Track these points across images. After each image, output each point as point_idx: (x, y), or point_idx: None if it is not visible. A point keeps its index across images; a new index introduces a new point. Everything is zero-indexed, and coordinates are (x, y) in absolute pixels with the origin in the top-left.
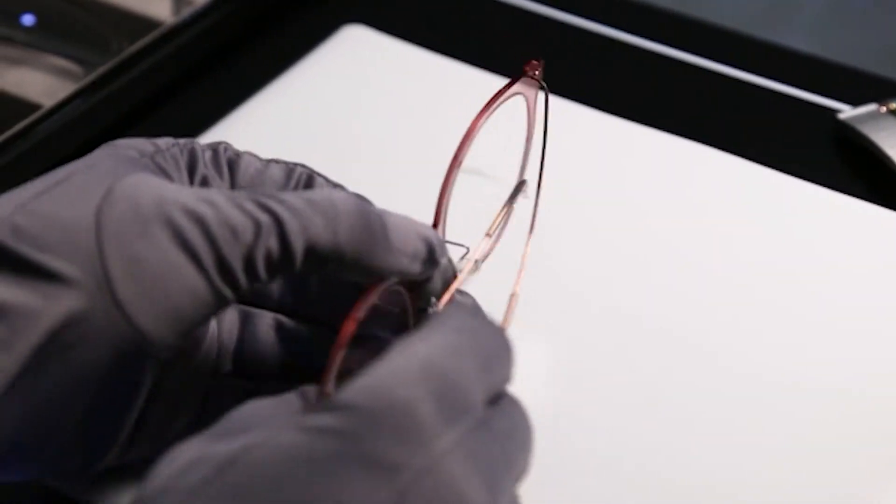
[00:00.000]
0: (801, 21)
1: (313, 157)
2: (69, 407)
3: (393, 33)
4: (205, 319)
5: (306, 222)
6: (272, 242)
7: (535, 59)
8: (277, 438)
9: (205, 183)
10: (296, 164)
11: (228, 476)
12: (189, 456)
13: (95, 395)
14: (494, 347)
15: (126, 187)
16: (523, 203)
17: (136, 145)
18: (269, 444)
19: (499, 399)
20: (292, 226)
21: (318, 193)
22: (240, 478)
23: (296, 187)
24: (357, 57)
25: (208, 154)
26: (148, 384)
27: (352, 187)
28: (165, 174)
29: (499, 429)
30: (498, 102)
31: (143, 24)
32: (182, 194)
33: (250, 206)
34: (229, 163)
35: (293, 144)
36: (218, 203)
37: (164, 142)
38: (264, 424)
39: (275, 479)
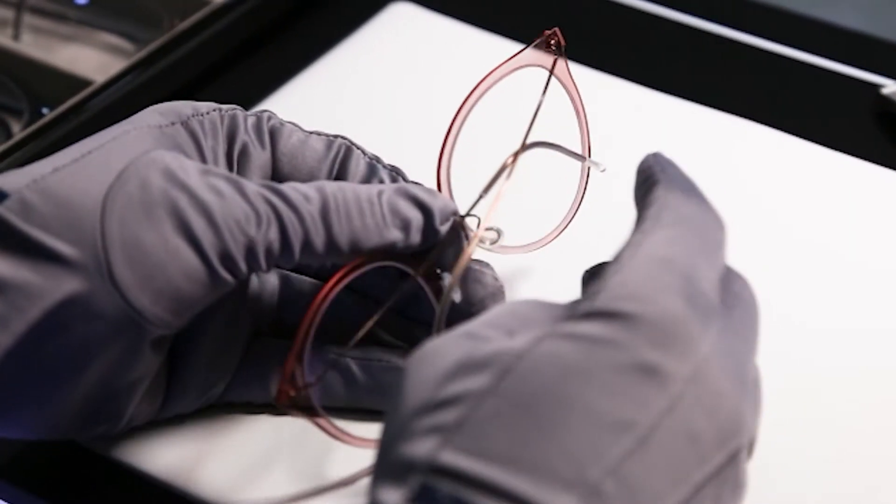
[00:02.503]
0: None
1: (360, 133)
2: (69, 378)
3: (440, 10)
4: (206, 301)
5: (303, 219)
6: (272, 236)
7: (548, 28)
8: (550, 346)
9: (244, 150)
10: (336, 136)
11: (508, 383)
12: (455, 358)
13: (94, 371)
14: (712, 227)
15: (139, 168)
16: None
17: (177, 108)
18: (542, 352)
19: (724, 278)
20: (290, 221)
21: (316, 187)
22: (519, 386)
23: (335, 159)
24: (404, 34)
25: (251, 121)
26: (149, 356)
27: (398, 163)
28: (195, 140)
29: (736, 317)
30: (506, 70)
31: (193, 1)
32: (192, 179)
33: (254, 199)
34: (272, 131)
35: (340, 120)
36: (224, 192)
37: (206, 106)
38: (529, 328)
39: (553, 390)
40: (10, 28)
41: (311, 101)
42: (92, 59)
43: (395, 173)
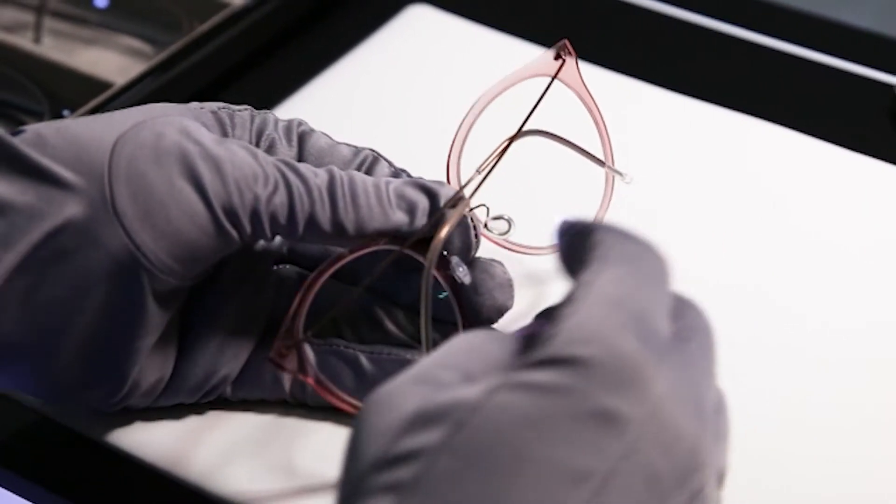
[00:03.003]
0: (867, 1)
1: (378, 135)
2: (69, 318)
3: (457, 12)
4: (210, 254)
5: (311, 191)
6: (278, 200)
7: (564, 30)
8: (505, 398)
9: (272, 146)
10: (363, 148)
11: (463, 437)
12: (411, 408)
13: (94, 313)
14: (657, 263)
15: (157, 123)
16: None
17: (209, 104)
18: (496, 403)
19: (674, 310)
20: (298, 191)
21: (325, 168)
22: (474, 440)
23: (360, 166)
24: (422, 36)
25: (281, 123)
26: (152, 309)
27: (416, 165)
28: (221, 126)
29: (691, 348)
30: (511, 81)
31: (212, 4)
32: (206, 138)
33: (265, 163)
34: (301, 134)
35: (359, 122)
36: (236, 152)
37: (239, 106)
38: (485, 371)
39: (508, 443)
40: (31, 31)
41: (329, 103)
42: (112, 61)
43: None
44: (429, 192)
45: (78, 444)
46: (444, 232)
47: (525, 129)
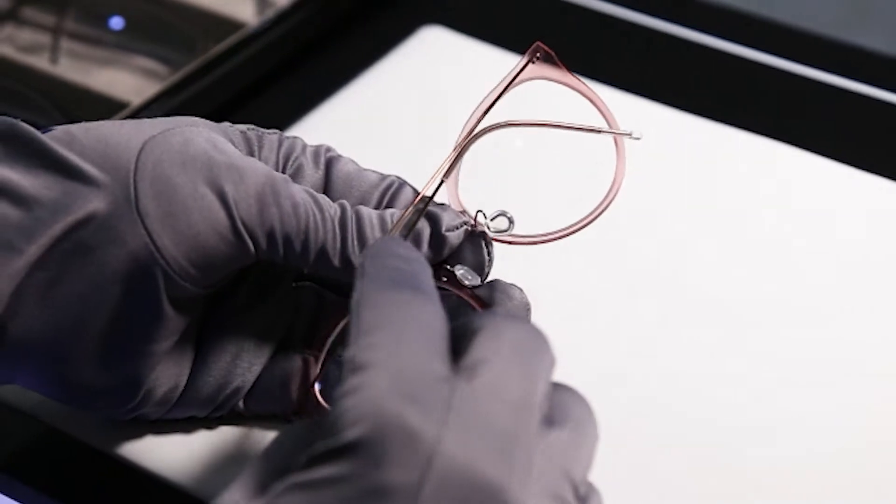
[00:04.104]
0: (879, 23)
1: (392, 156)
2: (86, 316)
3: (470, 34)
4: (226, 263)
5: (325, 220)
6: (294, 223)
7: (541, 42)
8: (287, 502)
9: (299, 169)
10: (389, 175)
11: None
12: None
13: (111, 312)
14: (415, 312)
15: (186, 131)
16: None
17: (240, 125)
18: None
19: (459, 341)
20: (314, 221)
21: (340, 203)
22: None
23: (386, 189)
24: (435, 57)
25: (310, 148)
26: (169, 313)
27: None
28: (248, 145)
29: (481, 381)
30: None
31: (227, 25)
32: (232, 150)
33: (287, 185)
34: (328, 161)
35: (373, 143)
36: (258, 167)
37: (269, 130)
38: (280, 484)
39: None
40: (47, 52)
41: (343, 124)
42: (127, 82)
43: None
44: (430, 217)
45: (88, 456)
46: (405, 216)
47: (487, 125)
